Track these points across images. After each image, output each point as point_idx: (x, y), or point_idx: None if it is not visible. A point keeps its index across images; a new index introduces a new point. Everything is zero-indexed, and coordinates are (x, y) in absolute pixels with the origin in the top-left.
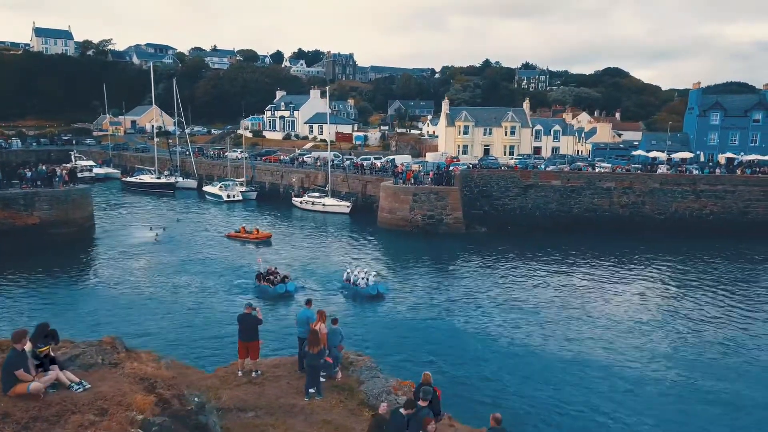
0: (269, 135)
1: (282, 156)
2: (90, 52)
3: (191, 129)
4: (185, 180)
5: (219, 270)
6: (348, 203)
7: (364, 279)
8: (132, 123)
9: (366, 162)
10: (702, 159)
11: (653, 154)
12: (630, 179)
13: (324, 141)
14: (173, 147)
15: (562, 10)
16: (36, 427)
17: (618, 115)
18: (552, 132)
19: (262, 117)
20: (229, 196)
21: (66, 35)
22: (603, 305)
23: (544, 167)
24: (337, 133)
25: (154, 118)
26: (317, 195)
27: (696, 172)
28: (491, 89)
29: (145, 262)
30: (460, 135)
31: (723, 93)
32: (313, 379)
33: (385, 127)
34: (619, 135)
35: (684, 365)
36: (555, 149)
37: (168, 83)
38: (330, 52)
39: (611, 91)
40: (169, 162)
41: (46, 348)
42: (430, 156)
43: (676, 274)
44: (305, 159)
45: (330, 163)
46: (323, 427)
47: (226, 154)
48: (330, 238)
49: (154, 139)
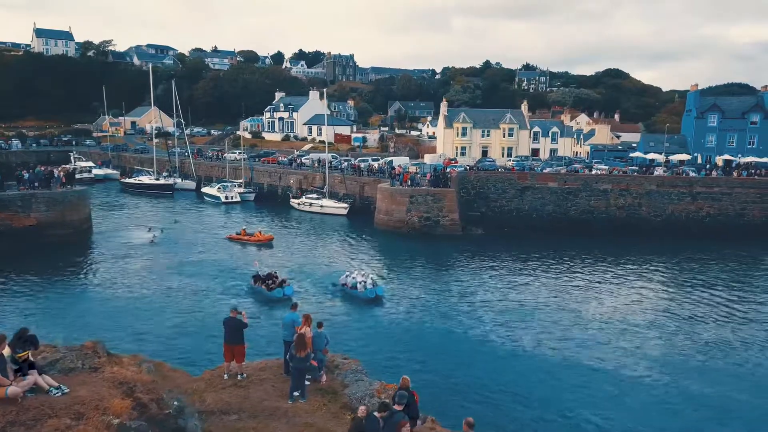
0: (268, 136)
1: (280, 157)
2: (90, 53)
3: (191, 130)
4: (184, 181)
5: (215, 272)
6: (345, 205)
7: (362, 283)
8: (132, 124)
9: (363, 164)
10: (699, 161)
11: (651, 155)
12: (626, 181)
13: (323, 142)
14: (172, 148)
15: (564, 11)
16: (12, 431)
17: (617, 117)
18: (550, 134)
19: (261, 118)
20: (227, 197)
21: (67, 36)
22: (598, 307)
23: (541, 169)
24: (336, 135)
25: (153, 119)
26: (315, 196)
27: (692, 174)
28: (491, 90)
29: (141, 264)
30: (458, 137)
31: (724, 94)
32: (298, 382)
33: (385, 128)
34: (618, 137)
35: (677, 368)
36: (553, 151)
37: (168, 84)
38: (330, 53)
39: (611, 93)
40: (168, 163)
41: (24, 353)
42: (427, 158)
43: (671, 276)
44: (303, 160)
45: (328, 165)
46: (305, 430)
47: (224, 155)
48: (327, 239)
49: (153, 141)
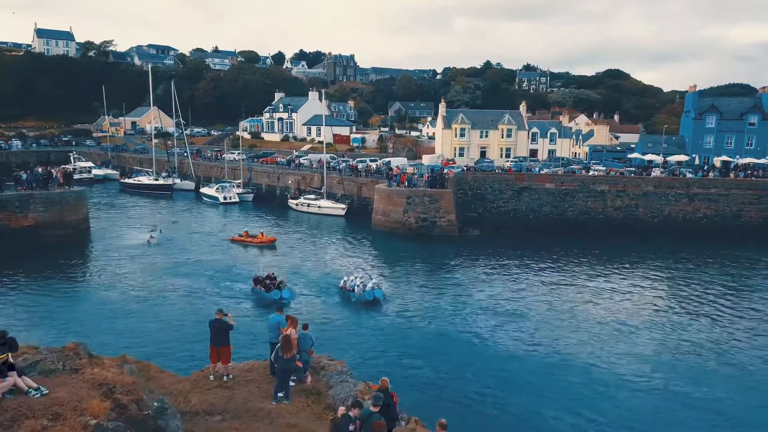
0: (267, 137)
1: (279, 158)
2: (91, 53)
3: (191, 130)
4: (183, 182)
5: (215, 274)
6: (343, 205)
7: (360, 285)
8: (132, 124)
9: (361, 164)
10: (697, 162)
11: (649, 157)
12: (624, 182)
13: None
14: (171, 149)
15: (566, 12)
16: None
17: (617, 117)
18: (549, 134)
19: (260, 119)
20: (226, 197)
21: (67, 36)
22: (594, 309)
23: (538, 170)
24: (335, 135)
25: (153, 119)
26: (313, 197)
27: (689, 175)
28: (492, 91)
29: (139, 265)
30: (456, 137)
31: (725, 95)
32: (283, 384)
33: (385, 129)
34: (617, 137)
35: (671, 369)
36: (551, 152)
37: (168, 84)
38: (331, 53)
39: (611, 93)
40: (168, 163)
41: (3, 355)
42: (426, 158)
43: (668, 277)
44: (302, 161)
45: (326, 165)
46: (288, 431)
47: (223, 155)
48: (325, 240)
49: (152, 141)
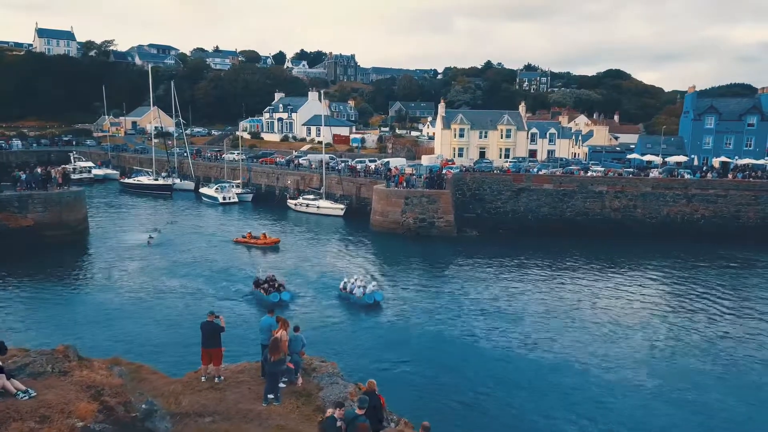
0: (267, 137)
1: (278, 158)
2: (92, 52)
3: (191, 130)
4: (182, 182)
5: (214, 275)
6: (342, 206)
7: (360, 288)
8: (133, 124)
9: (360, 165)
10: (696, 163)
11: (648, 157)
12: (622, 183)
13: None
14: (171, 148)
15: (566, 12)
16: None
17: (616, 118)
18: (548, 135)
19: (260, 119)
20: (225, 198)
21: (68, 36)
22: (591, 309)
23: (537, 170)
24: (335, 135)
25: (153, 119)
26: (312, 197)
27: (688, 176)
28: (492, 91)
29: (137, 265)
30: (455, 138)
31: (726, 95)
32: (273, 385)
33: (386, 129)
34: (616, 138)
35: (668, 370)
36: (551, 152)
37: (168, 84)
38: (332, 53)
39: (612, 93)
40: (167, 163)
41: None
42: (424, 159)
43: (666, 278)
44: (301, 161)
45: (325, 166)
46: None
47: (223, 156)
48: (324, 241)
49: (152, 141)
